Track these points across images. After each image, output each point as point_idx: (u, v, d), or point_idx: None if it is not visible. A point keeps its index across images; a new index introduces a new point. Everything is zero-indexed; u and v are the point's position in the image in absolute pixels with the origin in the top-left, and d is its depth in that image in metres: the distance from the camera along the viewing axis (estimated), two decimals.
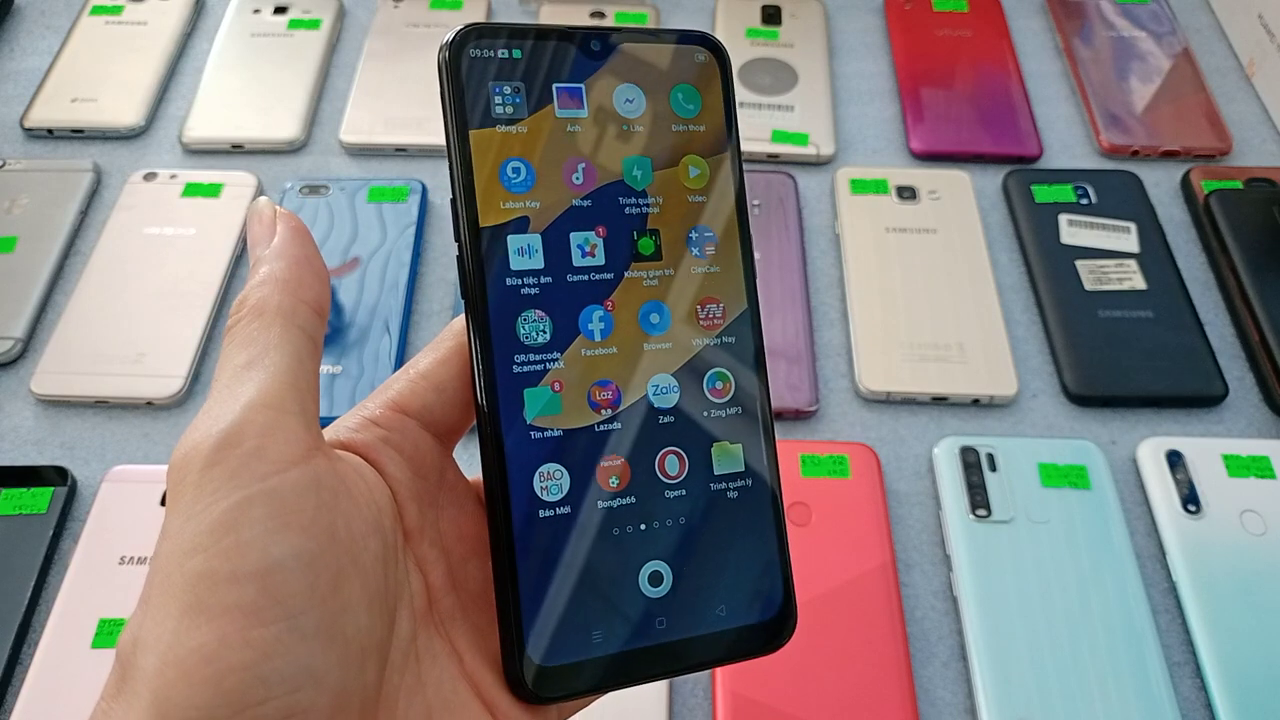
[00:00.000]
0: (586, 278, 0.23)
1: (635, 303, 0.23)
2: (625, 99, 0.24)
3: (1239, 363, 0.54)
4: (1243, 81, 0.69)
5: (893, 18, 0.72)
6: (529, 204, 0.23)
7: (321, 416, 0.50)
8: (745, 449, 0.24)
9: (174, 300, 0.55)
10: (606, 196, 0.23)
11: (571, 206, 0.23)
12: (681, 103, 0.24)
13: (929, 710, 0.43)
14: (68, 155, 0.63)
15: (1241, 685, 0.42)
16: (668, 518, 0.23)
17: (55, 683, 0.42)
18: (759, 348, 0.24)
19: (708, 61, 0.24)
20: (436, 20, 0.70)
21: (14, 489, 0.48)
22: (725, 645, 0.23)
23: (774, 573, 0.24)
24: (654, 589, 0.22)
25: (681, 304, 0.24)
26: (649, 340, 0.23)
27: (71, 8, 0.72)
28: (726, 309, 0.24)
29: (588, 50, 0.23)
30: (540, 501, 0.22)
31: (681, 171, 0.24)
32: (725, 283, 0.24)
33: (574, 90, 0.23)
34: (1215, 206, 0.59)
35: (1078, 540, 0.46)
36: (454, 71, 0.22)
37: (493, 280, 0.22)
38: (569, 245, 0.23)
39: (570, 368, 0.22)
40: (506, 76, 0.23)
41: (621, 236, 0.23)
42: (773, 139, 0.63)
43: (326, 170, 0.63)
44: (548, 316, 0.22)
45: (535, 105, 0.23)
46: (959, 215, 0.59)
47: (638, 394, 0.23)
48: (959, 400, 0.52)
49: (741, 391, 0.24)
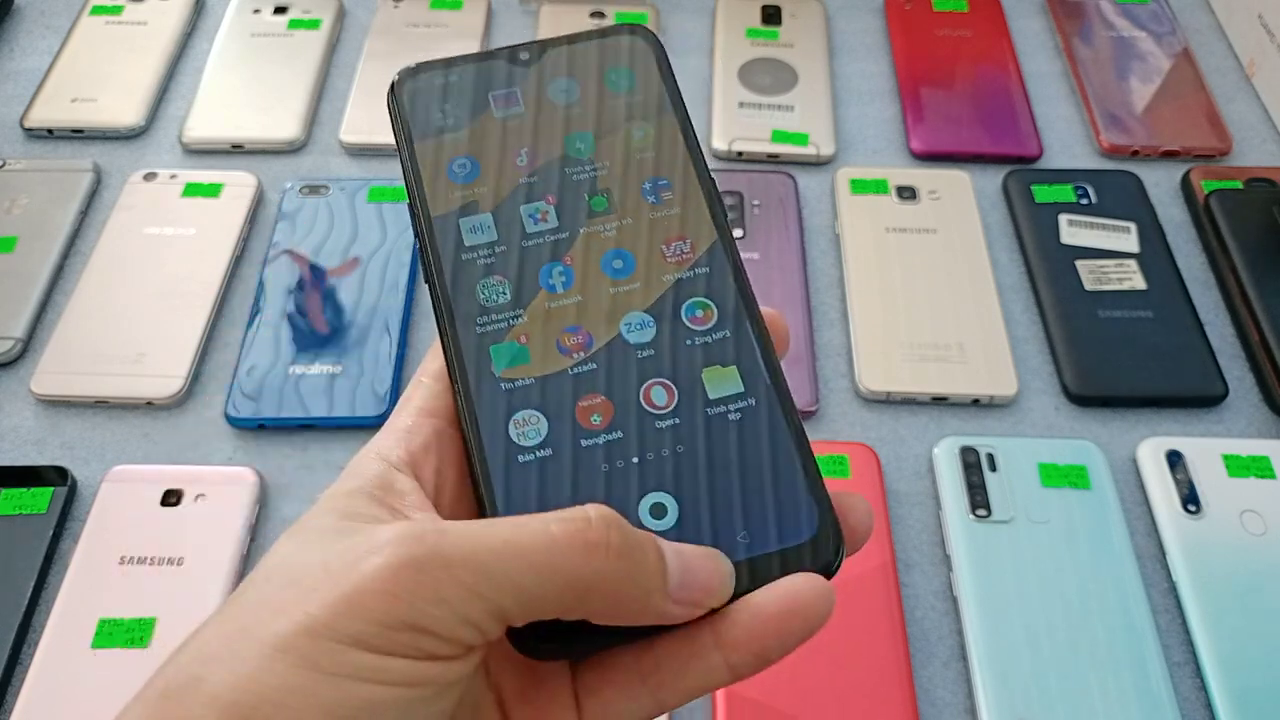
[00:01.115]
0: (541, 240, 0.25)
1: (596, 253, 0.25)
2: (560, 89, 0.26)
3: (1239, 363, 0.54)
4: (1243, 81, 0.69)
5: (893, 18, 0.72)
6: (477, 190, 0.25)
7: (323, 416, 0.50)
8: (742, 370, 0.24)
9: (174, 300, 0.55)
10: (553, 170, 0.25)
11: (518, 184, 0.25)
12: (615, 80, 0.27)
13: (929, 710, 0.43)
14: (68, 155, 0.63)
15: (1241, 685, 0.42)
16: (663, 448, 0.23)
17: (55, 683, 0.42)
18: (738, 270, 0.25)
19: (635, 43, 0.27)
20: (436, 20, 0.70)
21: (14, 489, 0.48)
22: (759, 574, 0.21)
23: (799, 490, 0.22)
24: (657, 520, 0.22)
25: (644, 247, 0.25)
26: (615, 285, 0.24)
27: (71, 8, 0.72)
28: (695, 244, 0.25)
29: (517, 61, 0.27)
30: (518, 447, 0.23)
31: (625, 136, 0.26)
32: (689, 221, 0.25)
33: (509, 94, 0.26)
34: (1215, 206, 0.59)
35: (1078, 540, 0.46)
36: (398, 104, 0.26)
37: (448, 257, 0.24)
38: (520, 216, 0.25)
39: (534, 321, 0.24)
40: (445, 97, 0.26)
41: (573, 200, 0.25)
42: (773, 139, 0.63)
43: (326, 170, 0.63)
44: (506, 279, 0.24)
45: (474, 113, 0.26)
46: (959, 215, 0.59)
47: (610, 334, 0.24)
48: (959, 400, 0.52)
49: (726, 315, 0.24)
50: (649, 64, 0.27)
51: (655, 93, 0.26)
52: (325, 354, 0.53)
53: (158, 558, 0.45)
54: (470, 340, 0.24)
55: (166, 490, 0.47)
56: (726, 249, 0.25)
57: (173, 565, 0.45)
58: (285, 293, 0.55)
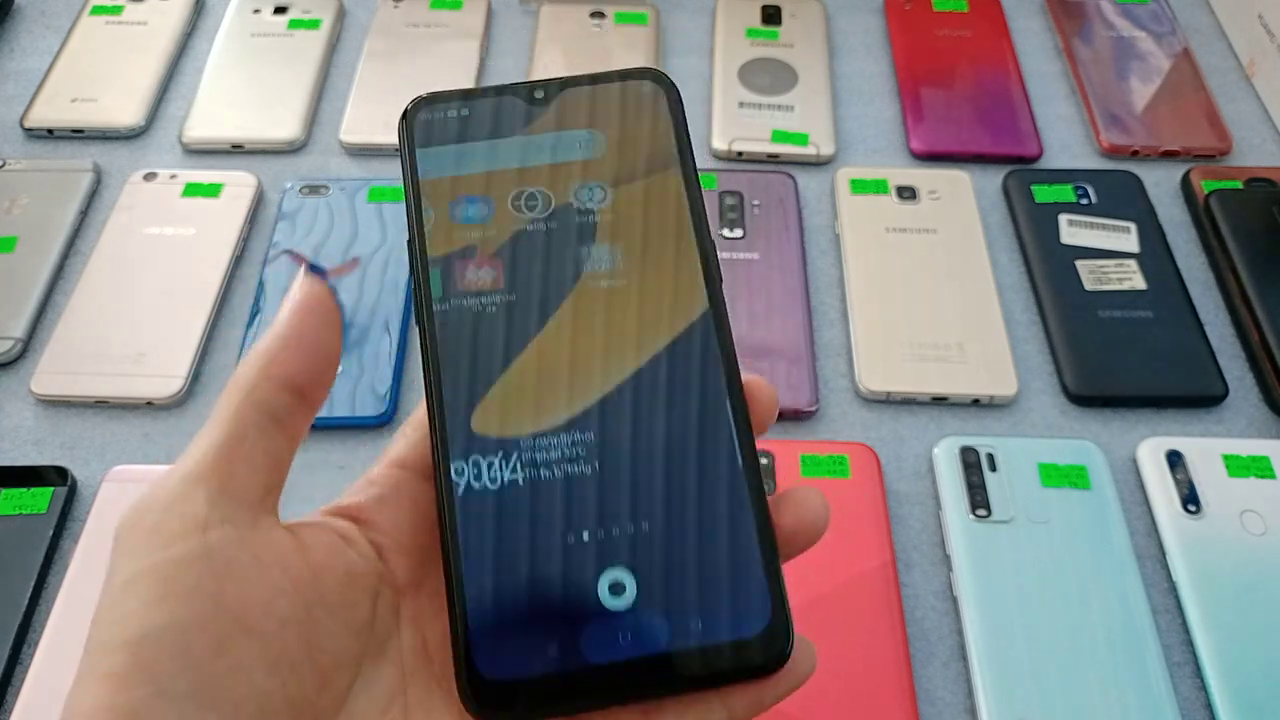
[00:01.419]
0: (536, 291, 0.24)
1: (588, 310, 0.24)
2: (570, 135, 0.26)
3: (1239, 363, 0.54)
4: (1243, 81, 0.69)
5: (893, 18, 0.72)
6: (478, 233, 0.24)
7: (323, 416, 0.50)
8: (716, 453, 0.23)
9: (174, 300, 0.55)
10: (556, 218, 0.25)
11: (521, 230, 0.25)
12: (628, 131, 0.26)
13: (929, 710, 0.43)
14: (68, 155, 0.63)
15: (1241, 685, 0.42)
16: (629, 523, 0.22)
17: (55, 683, 0.42)
18: (725, 343, 0.24)
19: (653, 91, 0.26)
20: (436, 20, 0.70)
21: (14, 489, 0.48)
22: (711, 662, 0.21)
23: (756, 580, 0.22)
24: (615, 598, 0.22)
25: (635, 308, 0.24)
26: (604, 345, 0.24)
27: (71, 8, 0.72)
28: (685, 310, 0.24)
29: (531, 99, 0.26)
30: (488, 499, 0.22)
31: (633, 187, 0.25)
32: (682, 285, 0.24)
33: (520, 133, 0.25)
34: (1215, 206, 0.59)
35: (1078, 540, 0.46)
36: (409, 134, 0.25)
37: (441, 299, 0.24)
38: (519, 263, 0.24)
39: (521, 375, 0.23)
40: (455, 132, 0.25)
41: (573, 251, 0.24)
42: (773, 139, 0.63)
43: (326, 170, 0.63)
44: (497, 328, 0.24)
45: (482, 152, 0.25)
46: (959, 215, 0.59)
47: (590, 397, 0.23)
48: (959, 400, 0.52)
49: (707, 394, 0.23)
50: (663, 113, 0.26)
51: (666, 144, 0.26)
52: None
53: None
54: (454, 388, 0.23)
55: None
56: (716, 318, 0.24)
57: None
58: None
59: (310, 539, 0.22)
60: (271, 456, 0.22)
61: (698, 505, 0.23)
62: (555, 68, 0.67)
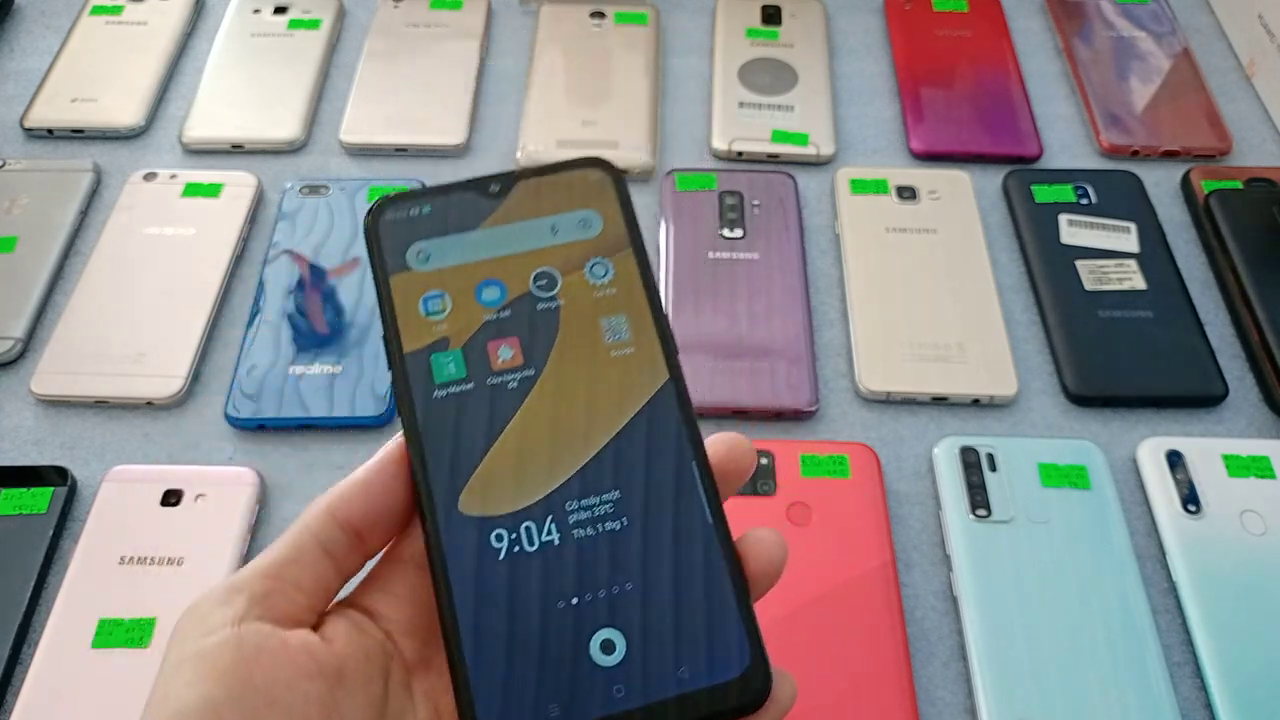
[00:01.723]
0: (506, 380, 0.26)
1: (553, 396, 0.25)
2: (526, 225, 0.27)
3: (1239, 363, 0.54)
4: (1243, 81, 0.69)
5: (893, 18, 0.72)
6: (446, 326, 0.26)
7: (323, 416, 0.50)
8: (683, 514, 0.25)
9: (174, 300, 0.55)
10: (518, 307, 0.26)
11: (485, 321, 0.26)
12: (579, 215, 0.27)
13: (929, 710, 0.43)
14: (68, 155, 0.63)
15: (1241, 685, 0.42)
16: (613, 585, 0.24)
17: (55, 683, 0.42)
18: (686, 414, 0.26)
19: (600, 178, 0.28)
20: (436, 20, 0.70)
21: (14, 489, 0.48)
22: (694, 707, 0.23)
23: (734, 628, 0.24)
24: (607, 656, 0.23)
25: (600, 389, 0.26)
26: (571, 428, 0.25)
27: (71, 8, 0.72)
28: (646, 383, 0.26)
29: (487, 193, 0.27)
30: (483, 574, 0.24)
31: (586, 274, 0.27)
32: (643, 361, 0.26)
33: (477, 228, 0.27)
34: (1215, 206, 0.59)
35: (1078, 540, 0.46)
36: (374, 233, 0.27)
37: (420, 394, 0.25)
38: (486, 354, 0.26)
39: (500, 459, 0.25)
40: (417, 229, 0.27)
41: (538, 338, 0.26)
42: (773, 139, 0.63)
43: (326, 170, 0.63)
44: (473, 418, 0.25)
45: (444, 247, 0.27)
46: (959, 215, 0.59)
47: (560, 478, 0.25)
48: (959, 400, 0.52)
49: (674, 459, 0.25)
50: (610, 197, 0.28)
51: (617, 229, 0.27)
52: (325, 354, 0.53)
53: (158, 558, 0.45)
54: (439, 475, 0.25)
55: (166, 490, 0.47)
56: (677, 389, 0.26)
57: (173, 565, 0.45)
58: (285, 293, 0.55)
59: (330, 628, 0.24)
60: (318, 582, 0.25)
61: (674, 564, 0.24)
62: (555, 68, 0.67)
